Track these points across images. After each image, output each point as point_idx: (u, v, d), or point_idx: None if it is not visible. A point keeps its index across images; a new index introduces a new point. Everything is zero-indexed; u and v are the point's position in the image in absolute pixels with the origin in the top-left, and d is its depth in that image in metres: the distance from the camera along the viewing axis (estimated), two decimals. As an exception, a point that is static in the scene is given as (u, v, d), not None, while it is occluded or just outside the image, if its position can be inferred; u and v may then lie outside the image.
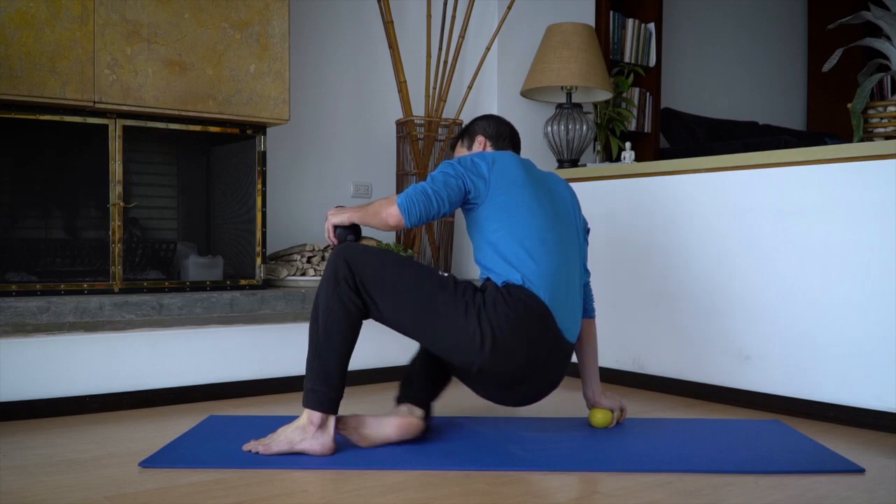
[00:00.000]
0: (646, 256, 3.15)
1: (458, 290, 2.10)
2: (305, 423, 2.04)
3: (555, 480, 1.92)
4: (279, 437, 2.05)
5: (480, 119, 2.55)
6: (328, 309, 2.05)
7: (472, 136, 2.51)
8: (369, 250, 2.13)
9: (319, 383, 2.03)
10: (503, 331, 2.06)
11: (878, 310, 2.48)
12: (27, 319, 2.50)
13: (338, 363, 2.05)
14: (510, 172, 2.27)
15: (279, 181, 3.60)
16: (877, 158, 2.50)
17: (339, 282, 2.06)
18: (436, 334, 2.11)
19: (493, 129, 2.51)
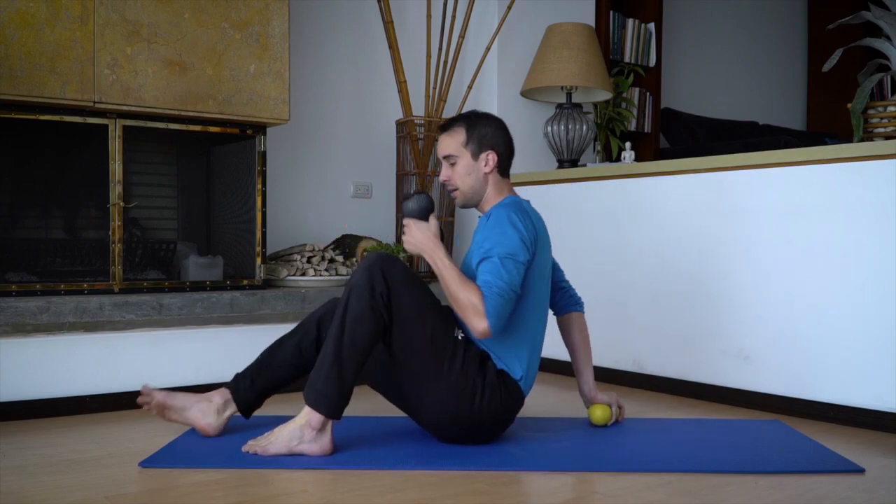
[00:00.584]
0: (646, 256, 3.15)
1: (464, 365, 2.06)
2: (304, 425, 2.02)
3: (555, 480, 1.92)
4: (277, 439, 2.04)
5: (489, 123, 2.25)
6: (359, 318, 1.99)
7: (481, 145, 2.21)
8: (409, 275, 2.07)
9: (334, 390, 2.00)
10: (488, 420, 2.10)
11: (879, 310, 2.47)
12: (27, 319, 2.50)
13: (355, 373, 2.02)
14: (542, 249, 2.19)
15: (279, 181, 3.60)
16: (877, 158, 2.49)
17: (375, 295, 2.00)
18: (423, 390, 2.10)
19: (504, 145, 2.25)
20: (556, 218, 3.52)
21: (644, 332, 3.14)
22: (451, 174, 2.23)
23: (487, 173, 2.22)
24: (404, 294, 2.03)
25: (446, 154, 2.23)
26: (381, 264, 2.03)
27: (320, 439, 2.03)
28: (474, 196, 2.25)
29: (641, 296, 3.16)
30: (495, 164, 2.22)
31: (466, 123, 2.23)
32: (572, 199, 3.46)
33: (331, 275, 3.34)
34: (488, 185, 2.24)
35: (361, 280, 2.02)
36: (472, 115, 2.27)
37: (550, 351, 3.53)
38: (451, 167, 2.23)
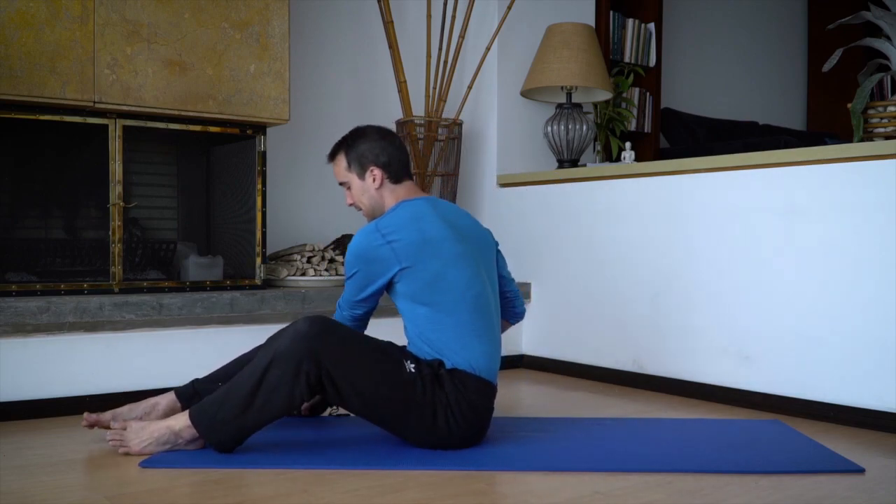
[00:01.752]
0: (645, 256, 3.15)
1: (425, 392, 2.04)
2: (179, 432, 2.04)
3: (555, 480, 1.92)
4: (148, 439, 2.03)
5: (362, 138, 2.25)
6: (276, 389, 1.96)
7: (362, 165, 2.24)
8: (346, 344, 2.03)
9: (233, 434, 2.01)
10: (465, 426, 2.09)
11: (879, 310, 2.47)
12: (27, 319, 2.50)
13: (258, 426, 2.03)
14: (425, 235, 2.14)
15: (279, 181, 3.60)
16: (877, 158, 2.49)
17: (300, 375, 1.96)
18: (400, 429, 2.11)
19: (387, 154, 2.24)
20: (557, 218, 3.53)
21: (644, 332, 3.14)
22: (351, 196, 2.31)
23: (378, 188, 2.25)
24: (344, 366, 2.00)
25: (340, 182, 2.30)
26: (314, 346, 1.97)
27: (192, 445, 2.06)
28: (376, 210, 2.28)
29: (641, 296, 3.16)
30: (382, 177, 2.25)
31: (345, 148, 2.28)
32: (572, 199, 3.46)
33: (331, 275, 3.34)
34: (384, 197, 2.27)
35: (287, 353, 1.96)
36: (349, 136, 2.29)
37: (550, 351, 3.54)
38: (349, 191, 2.31)
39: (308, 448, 2.13)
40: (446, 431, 2.07)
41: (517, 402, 2.99)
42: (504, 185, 3.84)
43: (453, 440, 2.10)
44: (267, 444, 2.14)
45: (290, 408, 2.01)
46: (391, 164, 2.25)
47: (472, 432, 2.13)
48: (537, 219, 3.63)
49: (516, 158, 3.93)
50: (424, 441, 2.11)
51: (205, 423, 2.02)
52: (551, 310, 3.56)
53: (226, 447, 2.03)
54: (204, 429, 2.02)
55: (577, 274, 3.43)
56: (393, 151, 2.26)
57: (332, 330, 2.02)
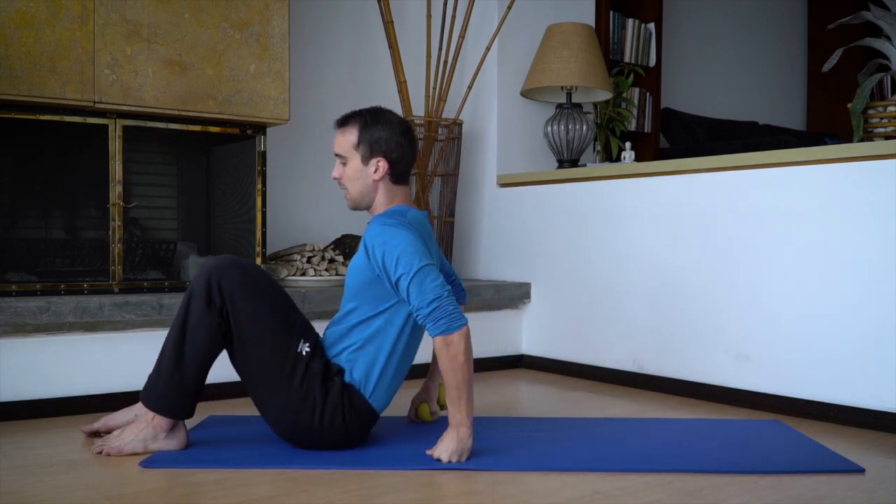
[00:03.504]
0: (645, 256, 3.15)
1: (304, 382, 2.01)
2: (154, 426, 2.05)
3: (555, 480, 1.92)
4: (132, 439, 2.05)
5: (383, 124, 2.11)
6: (197, 326, 2.01)
7: (372, 150, 2.10)
8: (247, 284, 2.03)
9: (178, 394, 2.02)
10: (330, 435, 2.06)
11: (878, 310, 2.47)
12: (27, 319, 2.50)
13: (198, 376, 2.05)
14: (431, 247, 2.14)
15: (279, 181, 3.60)
16: (877, 158, 2.50)
17: (212, 305, 2.00)
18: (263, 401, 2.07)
19: (400, 151, 2.11)
20: (556, 218, 3.53)
21: (644, 332, 3.14)
22: (341, 173, 2.14)
23: (377, 180, 2.12)
24: (240, 306, 2.01)
25: (337, 152, 2.14)
26: (218, 274, 2.01)
27: (175, 436, 2.07)
28: (362, 201, 2.16)
29: (641, 296, 3.16)
30: (386, 172, 2.11)
31: (361, 123, 2.12)
32: (572, 199, 3.46)
33: (331, 275, 3.34)
34: (378, 192, 2.14)
35: (199, 289, 2.01)
36: (371, 113, 2.14)
37: (550, 351, 3.54)
38: (342, 167, 2.14)
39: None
40: (307, 425, 2.03)
41: (517, 402, 2.99)
42: (504, 185, 3.84)
43: (310, 435, 2.05)
44: (267, 445, 2.14)
45: (214, 343, 2.02)
46: (400, 163, 2.12)
47: (334, 439, 2.07)
48: (537, 219, 3.63)
49: (516, 158, 3.93)
50: (278, 420, 2.06)
51: (153, 397, 2.04)
52: (551, 310, 3.56)
53: (182, 411, 2.04)
54: (154, 404, 2.03)
55: (577, 274, 3.43)
56: (407, 151, 2.13)
57: (233, 267, 2.04)
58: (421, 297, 1.94)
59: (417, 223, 2.12)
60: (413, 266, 1.96)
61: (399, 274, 1.97)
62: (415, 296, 1.95)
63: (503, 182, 3.83)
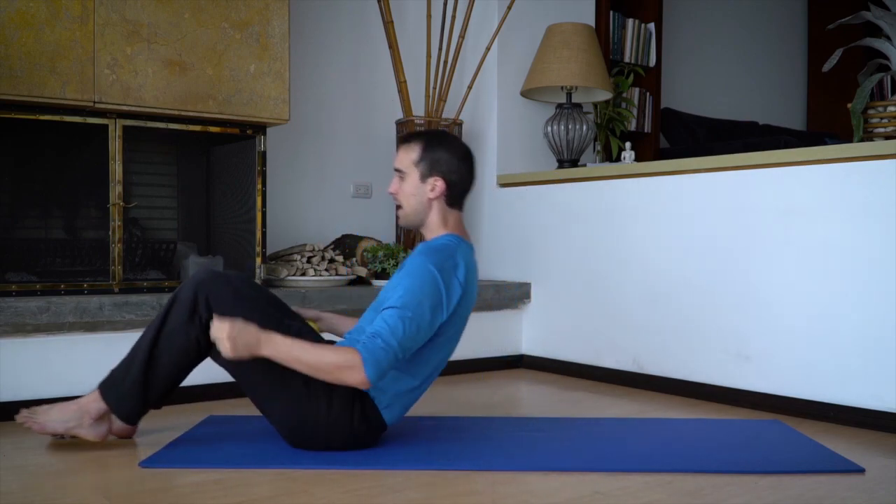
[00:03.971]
0: (645, 256, 3.14)
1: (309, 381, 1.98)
2: (85, 409, 2.06)
3: (555, 480, 1.92)
4: (55, 417, 2.07)
5: (446, 146, 2.13)
6: (174, 332, 2.02)
7: (431, 169, 2.11)
8: (239, 299, 2.03)
9: (138, 399, 2.05)
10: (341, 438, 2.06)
11: (878, 310, 2.47)
12: (27, 319, 2.50)
13: (162, 387, 2.07)
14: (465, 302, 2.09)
15: (279, 181, 3.60)
16: (877, 158, 2.50)
17: (195, 318, 2.01)
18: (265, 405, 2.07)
19: (459, 175, 2.12)
20: (557, 218, 3.53)
21: (644, 332, 3.14)
22: (398, 188, 2.16)
23: (432, 199, 2.12)
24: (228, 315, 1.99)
25: (397, 167, 2.16)
26: (209, 288, 2.02)
27: (98, 427, 2.09)
28: (416, 218, 2.16)
29: (641, 296, 3.16)
30: (442, 192, 2.12)
31: (424, 142, 2.14)
32: (572, 199, 3.46)
33: (331, 275, 3.34)
34: (433, 211, 2.14)
35: (186, 298, 2.03)
36: (435, 135, 2.19)
37: (550, 351, 3.54)
38: (400, 181, 2.16)
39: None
40: (312, 428, 2.02)
41: (517, 402, 2.99)
42: (504, 185, 3.84)
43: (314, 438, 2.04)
44: (267, 445, 2.14)
45: (187, 355, 2.03)
46: (457, 186, 2.13)
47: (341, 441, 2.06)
48: (537, 219, 3.63)
49: (516, 158, 3.93)
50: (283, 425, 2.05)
51: (113, 392, 2.05)
52: (551, 310, 3.56)
53: (135, 419, 2.07)
54: (113, 399, 2.05)
55: (577, 274, 3.43)
56: (465, 176, 2.15)
57: (226, 282, 2.05)
58: (384, 328, 1.94)
59: (465, 262, 2.10)
60: (407, 308, 1.96)
61: (392, 303, 1.98)
62: (381, 324, 1.95)
63: (503, 182, 3.83)
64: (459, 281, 2.05)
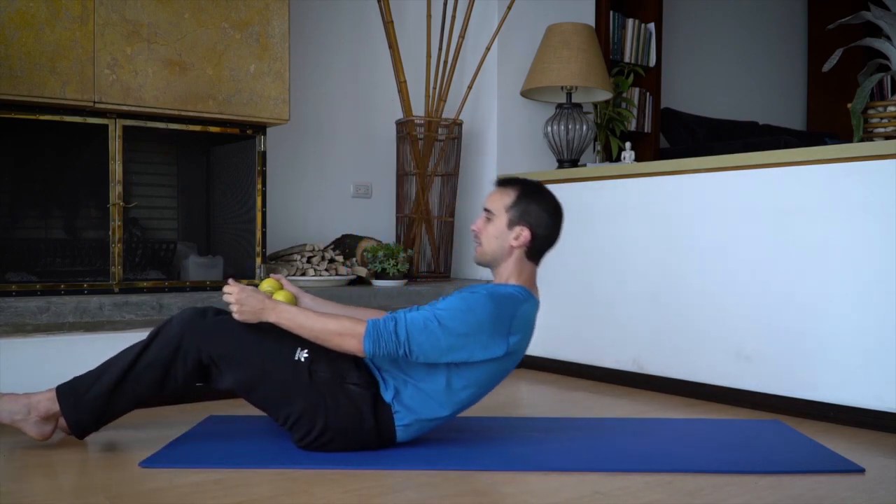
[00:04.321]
0: (646, 256, 3.14)
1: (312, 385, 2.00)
2: (35, 405, 2.06)
3: (555, 480, 1.92)
4: (3, 407, 2.07)
5: (540, 200, 2.13)
6: (151, 364, 2.02)
7: (521, 217, 2.11)
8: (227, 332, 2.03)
9: (95, 417, 2.05)
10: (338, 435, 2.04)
11: (878, 310, 2.47)
12: (27, 319, 2.50)
13: (119, 411, 2.08)
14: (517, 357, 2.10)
15: (279, 181, 3.60)
16: (877, 158, 2.49)
17: (178, 355, 2.01)
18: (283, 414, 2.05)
19: (546, 231, 2.12)
20: (556, 218, 3.53)
21: (644, 332, 3.14)
22: (483, 228, 2.15)
23: (514, 247, 2.11)
24: (226, 345, 2.02)
25: (488, 208, 2.15)
26: (199, 328, 2.02)
27: (42, 426, 2.09)
28: (492, 261, 2.15)
29: (641, 296, 3.16)
30: (525, 243, 2.11)
31: (520, 190, 2.14)
32: (572, 199, 3.44)
33: (331, 275, 3.34)
34: (510, 259, 2.13)
35: (173, 334, 2.03)
36: (532, 186, 2.17)
37: (550, 351, 3.54)
38: (486, 221, 2.15)
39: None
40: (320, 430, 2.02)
41: (517, 402, 2.99)
42: (504, 185, 3.83)
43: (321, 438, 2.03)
44: (267, 445, 2.14)
45: (160, 387, 2.04)
46: (541, 241, 2.13)
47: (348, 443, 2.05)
48: (537, 219, 3.62)
49: (516, 158, 3.93)
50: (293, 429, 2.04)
51: (71, 400, 2.04)
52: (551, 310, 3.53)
53: (84, 428, 2.06)
54: (69, 406, 2.04)
55: (577, 274, 3.42)
56: (552, 234, 2.14)
57: (219, 316, 2.06)
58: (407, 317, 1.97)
59: (524, 320, 2.09)
60: (442, 319, 1.96)
61: (438, 306, 2.01)
62: (410, 313, 1.98)
63: (503, 182, 3.83)
64: (507, 339, 2.03)
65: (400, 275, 3.41)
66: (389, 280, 3.39)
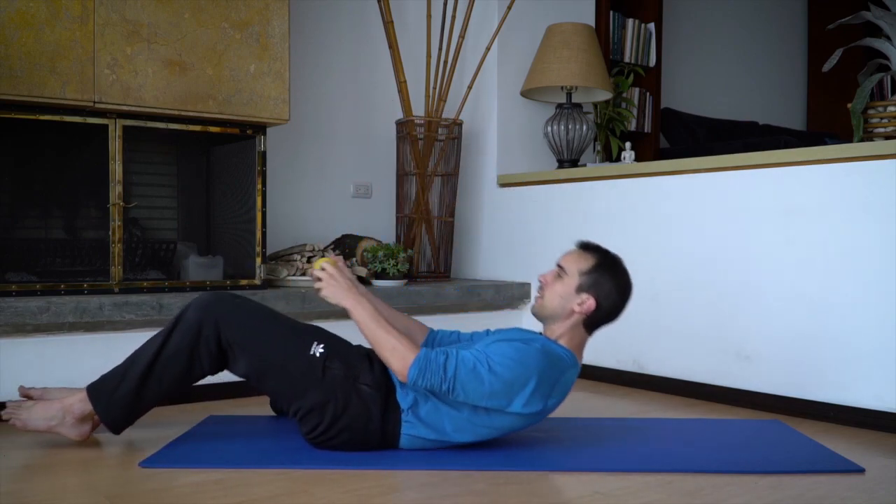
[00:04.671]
0: (645, 256, 3.14)
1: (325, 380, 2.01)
2: (69, 409, 2.06)
3: (555, 480, 1.92)
4: (38, 415, 2.07)
5: (614, 277, 2.11)
6: (176, 355, 2.03)
7: (591, 286, 2.09)
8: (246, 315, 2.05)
9: (125, 410, 2.05)
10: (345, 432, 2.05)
11: (878, 310, 2.47)
12: (27, 319, 2.50)
13: (152, 403, 2.08)
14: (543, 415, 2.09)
15: (279, 181, 3.60)
16: (877, 158, 2.50)
17: (200, 342, 2.02)
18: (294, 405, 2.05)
19: (611, 307, 2.11)
20: (556, 218, 3.53)
21: (644, 332, 3.14)
22: (550, 283, 2.13)
23: (575, 312, 2.09)
24: (244, 331, 2.03)
25: (562, 265, 2.14)
26: (217, 312, 2.03)
27: (80, 427, 2.09)
28: (549, 317, 2.14)
29: (641, 296, 3.13)
30: (587, 312, 2.09)
31: (599, 259, 2.13)
32: (572, 199, 3.46)
33: (331, 275, 3.34)
34: (568, 321, 2.11)
35: (192, 320, 2.04)
36: (612, 259, 2.15)
37: (550, 351, 3.54)
38: (556, 278, 2.13)
39: (308, 448, 2.13)
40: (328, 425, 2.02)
41: (517, 402, 2.99)
42: (504, 185, 3.84)
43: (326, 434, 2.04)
44: (267, 445, 2.14)
45: (188, 375, 2.05)
46: (603, 315, 2.12)
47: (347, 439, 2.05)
48: (537, 219, 3.62)
49: (516, 158, 3.93)
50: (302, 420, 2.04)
51: (103, 400, 2.05)
52: (551, 310, 3.55)
53: (118, 425, 2.07)
54: (101, 407, 2.05)
55: (577, 274, 3.42)
56: (615, 312, 2.14)
57: (237, 300, 2.09)
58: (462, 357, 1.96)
59: (564, 386, 2.08)
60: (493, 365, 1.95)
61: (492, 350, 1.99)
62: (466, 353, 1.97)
63: (503, 182, 3.83)
64: (546, 401, 2.03)
65: (400, 275, 3.41)
66: (389, 280, 3.39)
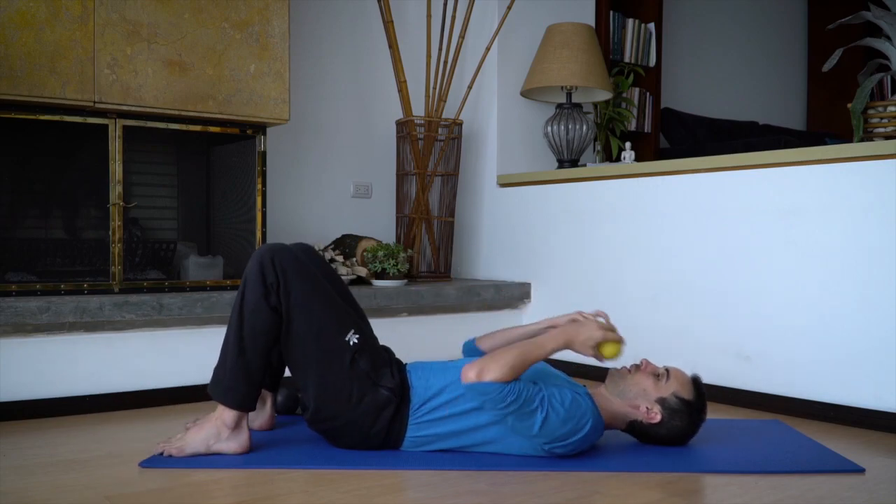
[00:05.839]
0: (645, 256, 3.15)
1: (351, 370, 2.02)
2: (219, 423, 2.03)
3: (555, 480, 1.92)
4: (194, 439, 2.03)
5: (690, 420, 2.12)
6: (256, 309, 2.02)
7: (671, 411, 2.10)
8: (300, 265, 2.07)
9: (241, 382, 2.02)
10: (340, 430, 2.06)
11: (878, 310, 2.47)
12: (27, 319, 2.50)
13: (261, 363, 2.06)
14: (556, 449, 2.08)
15: (279, 181, 3.60)
16: (877, 158, 2.50)
17: (267, 284, 2.02)
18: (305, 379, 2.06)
19: (668, 433, 2.12)
20: (557, 218, 3.53)
21: (644, 332, 3.14)
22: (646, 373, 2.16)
23: (639, 410, 2.11)
24: (293, 282, 2.04)
25: (670, 373, 2.15)
26: (272, 254, 2.05)
27: (237, 437, 2.04)
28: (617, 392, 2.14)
29: (642, 296, 3.16)
30: (646, 419, 2.11)
31: (695, 401, 2.12)
32: (572, 199, 3.46)
33: (331, 275, 3.34)
34: (625, 408, 2.13)
35: (253, 271, 2.05)
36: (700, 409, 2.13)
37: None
38: (655, 376, 2.15)
39: (308, 448, 2.13)
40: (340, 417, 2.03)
41: (517, 402, 2.98)
42: (504, 185, 3.84)
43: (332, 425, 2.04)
44: (267, 444, 2.14)
45: (275, 323, 2.02)
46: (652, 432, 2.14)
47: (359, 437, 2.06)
48: (537, 219, 3.62)
49: (516, 158, 3.93)
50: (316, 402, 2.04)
51: (220, 387, 2.04)
52: (551, 310, 3.55)
53: (247, 401, 2.04)
54: (224, 395, 2.03)
55: (577, 274, 3.43)
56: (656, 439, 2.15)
57: (286, 249, 2.09)
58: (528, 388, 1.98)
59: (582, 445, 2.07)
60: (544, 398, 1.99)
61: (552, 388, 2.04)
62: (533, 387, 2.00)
63: (503, 182, 3.83)
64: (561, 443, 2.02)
65: (400, 275, 3.41)
66: (389, 280, 3.39)
